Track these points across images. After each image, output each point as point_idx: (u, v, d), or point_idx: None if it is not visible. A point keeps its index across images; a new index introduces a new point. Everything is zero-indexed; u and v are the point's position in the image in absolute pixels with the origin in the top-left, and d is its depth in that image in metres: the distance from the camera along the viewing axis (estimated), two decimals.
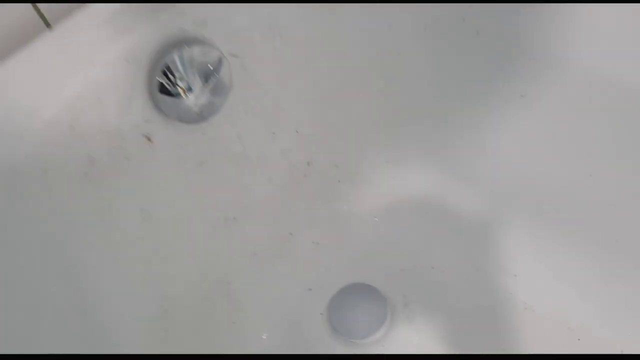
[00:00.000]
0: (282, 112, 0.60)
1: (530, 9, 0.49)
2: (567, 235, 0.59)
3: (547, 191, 0.57)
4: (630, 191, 0.52)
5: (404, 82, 0.60)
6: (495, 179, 0.61)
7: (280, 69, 0.57)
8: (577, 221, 0.57)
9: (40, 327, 0.40)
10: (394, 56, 0.57)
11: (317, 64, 0.58)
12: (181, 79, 0.50)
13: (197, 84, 0.50)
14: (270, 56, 0.55)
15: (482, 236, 0.64)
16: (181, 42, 0.49)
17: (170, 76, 0.49)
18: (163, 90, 0.49)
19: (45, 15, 0.49)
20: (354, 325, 0.64)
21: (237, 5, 0.51)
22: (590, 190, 0.54)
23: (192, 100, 0.51)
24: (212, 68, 0.51)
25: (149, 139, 0.51)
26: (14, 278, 0.40)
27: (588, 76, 0.50)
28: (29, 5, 0.48)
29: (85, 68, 0.46)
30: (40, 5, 0.49)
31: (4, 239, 0.40)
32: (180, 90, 0.50)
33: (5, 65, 0.46)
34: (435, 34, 0.54)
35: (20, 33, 0.49)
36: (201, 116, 0.53)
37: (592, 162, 0.54)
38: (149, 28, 0.48)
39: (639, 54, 0.47)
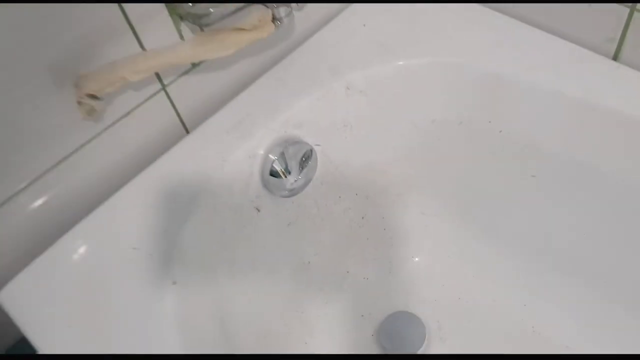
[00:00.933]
0: (346, 181, 0.78)
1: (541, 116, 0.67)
2: (567, 275, 0.77)
3: (557, 245, 0.76)
4: (619, 248, 0.71)
5: (438, 157, 0.78)
6: (510, 230, 0.80)
7: (346, 151, 0.75)
8: (576, 267, 0.76)
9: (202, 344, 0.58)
10: (434, 140, 0.76)
11: (373, 147, 0.76)
12: (283, 166, 0.68)
13: (294, 169, 0.69)
14: (341, 143, 0.74)
15: (498, 273, 0.82)
16: (285, 141, 0.67)
17: (276, 164, 0.67)
18: (271, 174, 0.67)
19: (185, 122, 0.68)
20: (399, 344, 0.82)
21: (323, 111, 0.69)
22: (588, 245, 0.73)
23: (290, 180, 0.69)
24: (304, 158, 0.69)
25: (258, 210, 0.69)
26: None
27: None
28: (174, 115, 0.67)
29: (221, 164, 0.64)
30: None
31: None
32: (282, 174, 0.68)
33: (158, 163, 0.64)
34: (468, 128, 0.72)
35: (167, 136, 0.67)
36: (294, 192, 0.71)
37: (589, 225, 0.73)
38: (263, 132, 0.66)
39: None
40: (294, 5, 0.55)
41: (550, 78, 0.65)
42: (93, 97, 0.53)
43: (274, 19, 0.58)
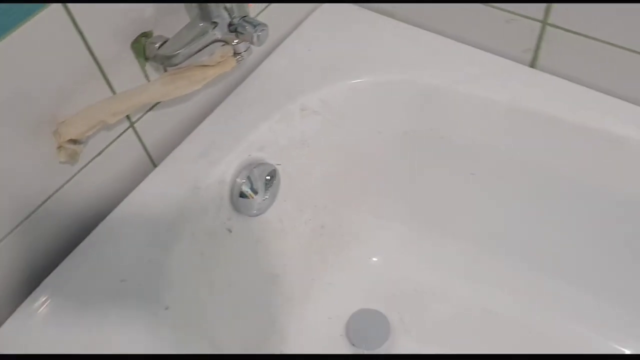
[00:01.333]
0: (305, 194, 0.84)
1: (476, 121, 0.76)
2: (508, 258, 0.87)
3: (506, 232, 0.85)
4: (548, 229, 0.81)
5: (388, 164, 0.86)
6: (456, 224, 0.89)
7: (304, 167, 0.81)
8: (515, 250, 0.85)
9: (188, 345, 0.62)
10: (383, 150, 0.83)
11: (328, 161, 0.82)
12: (251, 188, 0.72)
13: (260, 189, 0.73)
14: (299, 160, 0.79)
15: (449, 264, 0.90)
16: (251, 164, 0.72)
17: (244, 187, 0.72)
18: (240, 195, 0.72)
19: (153, 155, 0.71)
20: (366, 340, 0.88)
21: (281, 133, 0.75)
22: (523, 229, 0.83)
23: (258, 200, 0.74)
24: (269, 178, 0.74)
25: (230, 231, 0.73)
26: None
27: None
28: (142, 149, 0.70)
29: (194, 192, 0.67)
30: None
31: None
32: (250, 195, 0.73)
33: (133, 196, 0.67)
34: (412, 137, 0.80)
35: (137, 170, 0.70)
36: (262, 210, 0.76)
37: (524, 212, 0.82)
38: (230, 158, 0.70)
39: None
40: (255, 39, 0.60)
41: (480, 86, 0.74)
42: (74, 142, 0.55)
43: (234, 54, 0.63)
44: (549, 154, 0.75)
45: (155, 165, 0.71)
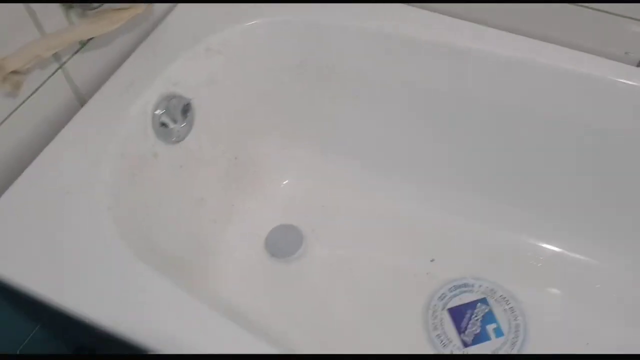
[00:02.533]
0: (218, 129, 0.97)
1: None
2: (396, 165, 1.05)
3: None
4: (420, 138, 0.99)
5: (288, 96, 1.01)
6: (349, 143, 1.05)
7: (215, 103, 0.94)
8: (398, 157, 1.03)
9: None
10: (282, 83, 0.98)
11: (235, 96, 0.96)
12: (170, 117, 0.85)
13: (178, 118, 0.86)
14: (209, 95, 0.92)
15: (348, 178, 1.07)
16: (168, 96, 0.84)
17: (164, 116, 0.84)
18: (161, 124, 0.84)
19: (82, 91, 0.82)
20: (284, 249, 1.03)
21: (191, 70, 0.88)
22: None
23: (177, 128, 0.86)
24: (185, 108, 0.87)
25: (155, 156, 0.86)
26: None
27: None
28: (69, 88, 0.81)
29: (121, 122, 0.79)
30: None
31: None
32: (171, 123, 0.85)
33: (73, 124, 0.78)
34: (304, 68, 0.95)
35: (69, 105, 0.81)
36: (181, 137, 0.88)
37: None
38: (149, 92, 0.83)
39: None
40: None
41: (353, 19, 0.90)
42: (16, 73, 0.66)
43: None
44: (415, 71, 0.93)
45: (85, 100, 0.82)
